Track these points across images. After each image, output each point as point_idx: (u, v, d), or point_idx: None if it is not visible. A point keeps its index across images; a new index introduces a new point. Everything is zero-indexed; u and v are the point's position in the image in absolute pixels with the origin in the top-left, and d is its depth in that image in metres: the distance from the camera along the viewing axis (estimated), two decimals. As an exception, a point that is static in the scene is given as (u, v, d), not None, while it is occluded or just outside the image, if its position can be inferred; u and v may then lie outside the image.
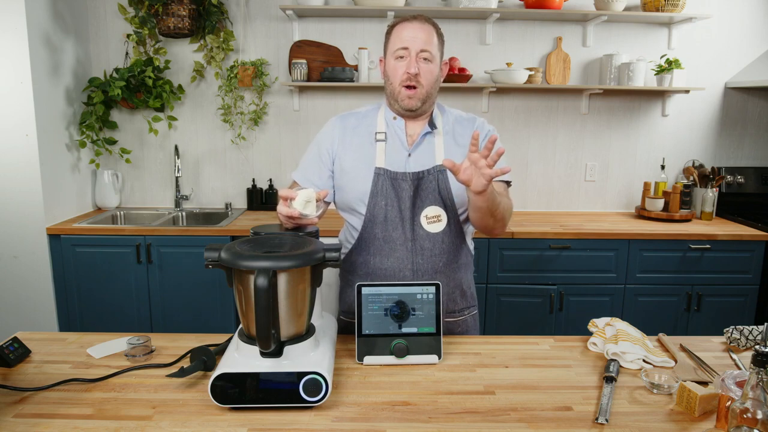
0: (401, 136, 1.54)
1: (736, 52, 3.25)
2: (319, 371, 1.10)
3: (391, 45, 1.50)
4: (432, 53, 1.46)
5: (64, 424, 1.05)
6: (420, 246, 1.49)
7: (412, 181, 1.49)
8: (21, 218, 2.71)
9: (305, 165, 1.60)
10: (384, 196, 1.49)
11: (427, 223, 1.50)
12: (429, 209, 1.50)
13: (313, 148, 1.60)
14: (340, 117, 1.61)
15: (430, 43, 1.46)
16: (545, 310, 2.83)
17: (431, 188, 1.50)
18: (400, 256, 1.50)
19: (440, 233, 1.50)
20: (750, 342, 1.42)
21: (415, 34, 1.45)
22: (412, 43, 1.45)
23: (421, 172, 1.50)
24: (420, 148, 1.53)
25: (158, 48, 3.13)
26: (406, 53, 1.46)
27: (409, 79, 1.46)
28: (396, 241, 1.50)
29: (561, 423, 1.07)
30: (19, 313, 2.78)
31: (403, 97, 1.48)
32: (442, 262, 1.52)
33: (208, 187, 3.35)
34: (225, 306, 2.82)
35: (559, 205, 3.40)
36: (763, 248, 2.80)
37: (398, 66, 1.47)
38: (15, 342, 1.32)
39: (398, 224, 1.49)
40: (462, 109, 1.67)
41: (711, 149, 3.36)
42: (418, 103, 1.48)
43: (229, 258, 1.10)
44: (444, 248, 1.51)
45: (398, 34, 1.48)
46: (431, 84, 1.49)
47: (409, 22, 1.47)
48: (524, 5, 3.03)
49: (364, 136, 1.55)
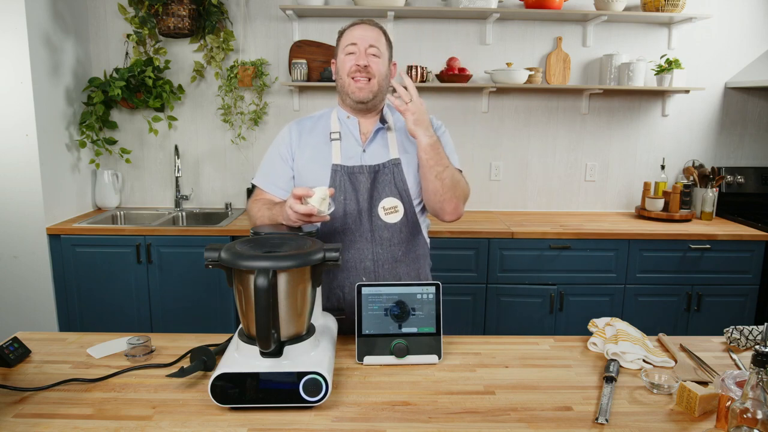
0: (355, 134, 1.61)
1: (736, 52, 3.25)
2: (319, 371, 1.10)
3: (342, 44, 1.58)
4: (380, 50, 1.55)
5: (64, 424, 1.05)
6: (379, 236, 1.55)
7: (369, 174, 1.56)
8: (21, 218, 2.71)
9: (267, 170, 1.65)
10: (342, 191, 1.55)
11: (385, 214, 1.56)
12: (386, 200, 1.56)
13: (273, 153, 1.66)
14: (296, 121, 1.68)
15: (378, 41, 1.55)
16: (545, 310, 2.83)
17: (387, 180, 1.56)
18: (360, 247, 1.55)
19: (398, 224, 1.56)
20: (750, 342, 1.42)
21: (363, 33, 1.55)
22: (360, 40, 1.54)
23: (377, 166, 1.57)
24: (374, 144, 1.60)
25: (158, 48, 3.13)
26: (355, 48, 1.54)
27: (358, 70, 1.53)
28: (356, 232, 1.55)
29: (561, 423, 1.07)
30: (19, 313, 2.78)
31: (354, 89, 1.54)
32: (401, 251, 1.58)
33: (208, 187, 3.35)
34: (225, 306, 2.82)
35: (559, 205, 3.40)
36: (763, 248, 2.80)
37: (347, 60, 1.55)
38: (15, 342, 1.32)
39: (357, 217, 1.55)
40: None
41: (711, 149, 3.35)
42: (369, 95, 1.55)
43: (229, 258, 1.10)
44: (402, 238, 1.58)
45: (348, 33, 1.57)
46: (381, 77, 1.56)
47: (358, 25, 1.57)
48: (524, 5, 3.03)
49: (319, 137, 1.62)
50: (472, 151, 3.30)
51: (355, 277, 1.55)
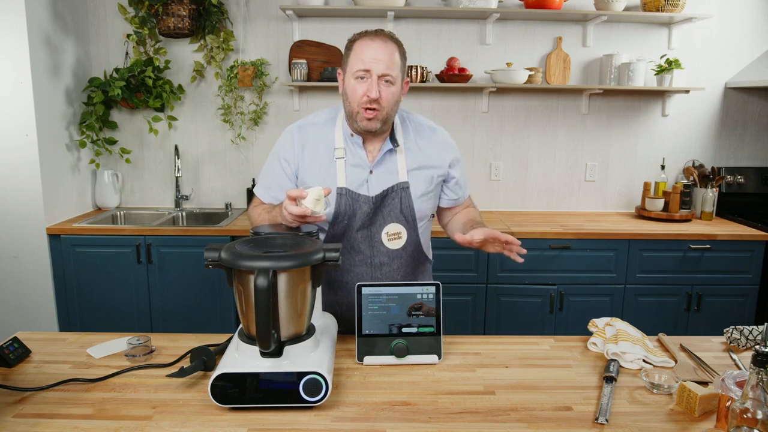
0: (361, 154, 1.51)
1: (736, 52, 3.25)
2: (319, 371, 1.10)
3: (351, 63, 1.44)
4: (393, 76, 1.42)
5: (64, 424, 1.05)
6: (379, 262, 1.53)
7: (374, 203, 1.49)
8: (21, 218, 2.71)
9: (268, 182, 1.57)
10: (348, 215, 1.50)
11: (388, 240, 1.52)
12: (390, 227, 1.51)
13: (274, 162, 1.56)
14: (297, 126, 1.56)
15: (391, 65, 1.41)
16: (545, 310, 2.83)
17: (393, 206, 1.51)
18: (359, 271, 1.53)
19: (399, 249, 1.53)
20: (750, 342, 1.42)
21: (377, 55, 1.40)
22: (374, 65, 1.39)
23: (384, 190, 1.50)
24: (382, 166, 1.51)
25: (158, 48, 3.13)
26: (367, 75, 1.41)
27: (369, 102, 1.41)
28: (355, 257, 1.53)
29: (561, 423, 1.07)
30: (19, 313, 2.78)
31: (362, 118, 1.44)
32: (399, 275, 1.56)
33: (208, 187, 3.35)
34: (225, 306, 2.82)
35: (559, 205, 3.40)
36: (763, 248, 2.80)
37: (358, 87, 1.42)
38: (15, 342, 1.32)
39: (359, 242, 1.52)
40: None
41: (711, 149, 3.35)
42: (377, 125, 1.45)
43: (229, 258, 1.10)
44: (402, 263, 1.55)
45: (359, 52, 1.41)
46: (391, 106, 1.45)
47: (371, 40, 1.42)
48: (524, 5, 3.03)
49: (323, 152, 1.52)
50: (472, 151, 3.30)
51: (353, 298, 1.46)
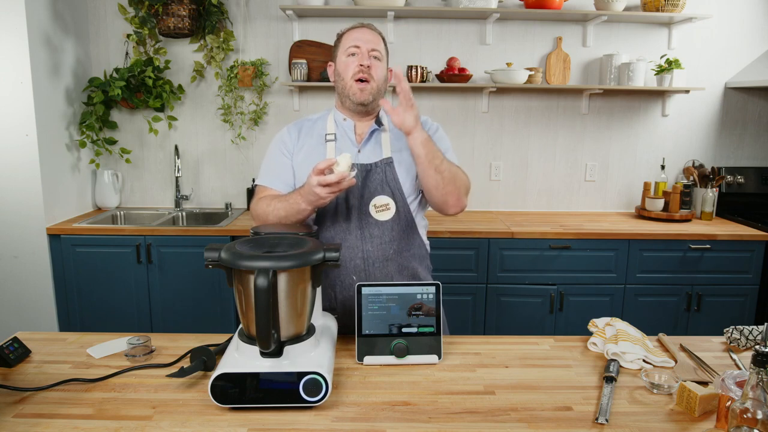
0: (351, 136, 1.62)
1: (736, 52, 3.25)
2: (319, 371, 1.10)
3: (342, 46, 1.59)
4: (381, 53, 1.58)
5: (64, 424, 1.05)
6: (369, 234, 1.55)
7: (361, 173, 1.56)
8: (21, 218, 2.71)
9: (271, 169, 1.65)
10: None
11: (376, 211, 1.56)
12: (377, 198, 1.56)
13: (274, 151, 1.66)
14: (294, 123, 1.69)
15: (378, 45, 1.58)
16: (545, 310, 2.83)
17: (379, 179, 1.56)
18: (350, 245, 1.55)
19: (389, 221, 1.56)
20: (750, 342, 1.42)
21: (365, 36, 1.57)
22: (362, 42, 1.56)
23: (369, 165, 1.57)
24: (369, 145, 1.62)
25: (158, 48, 3.13)
26: (358, 50, 1.55)
27: (361, 71, 1.54)
28: (346, 230, 1.56)
29: (561, 423, 1.07)
30: (19, 313, 2.78)
31: (355, 90, 1.55)
32: (392, 249, 1.57)
33: (208, 187, 3.35)
34: (225, 306, 2.82)
35: (559, 205, 3.40)
36: (763, 248, 2.80)
37: (350, 61, 1.56)
38: (15, 342, 1.32)
39: (348, 215, 1.56)
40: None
41: (711, 149, 3.35)
42: (369, 96, 1.56)
43: (229, 258, 1.10)
44: (393, 236, 1.57)
45: (349, 36, 1.59)
46: (381, 80, 1.58)
47: (358, 29, 1.59)
48: (524, 5, 3.03)
49: (315, 138, 1.63)
50: (472, 151, 3.30)
51: (346, 275, 1.55)
